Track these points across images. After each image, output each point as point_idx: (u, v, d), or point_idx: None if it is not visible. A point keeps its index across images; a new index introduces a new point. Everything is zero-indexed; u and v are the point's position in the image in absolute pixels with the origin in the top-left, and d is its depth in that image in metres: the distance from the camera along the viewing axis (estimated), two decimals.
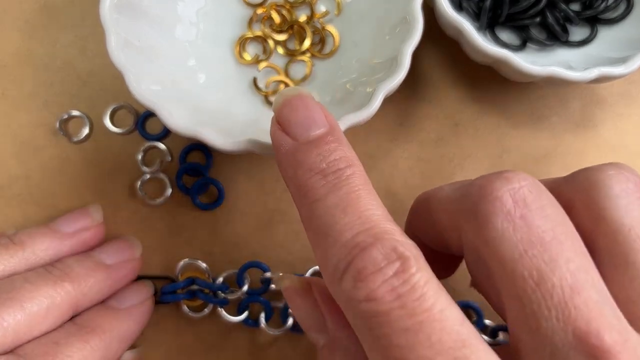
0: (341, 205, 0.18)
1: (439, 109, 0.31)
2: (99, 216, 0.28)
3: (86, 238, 0.27)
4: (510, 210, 0.17)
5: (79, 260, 0.26)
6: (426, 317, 0.16)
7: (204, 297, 0.28)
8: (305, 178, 0.19)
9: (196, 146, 0.30)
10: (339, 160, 0.19)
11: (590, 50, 0.29)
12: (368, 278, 0.16)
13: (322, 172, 0.19)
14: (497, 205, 0.17)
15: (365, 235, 0.17)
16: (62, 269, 0.25)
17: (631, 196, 0.18)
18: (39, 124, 0.30)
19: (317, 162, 0.19)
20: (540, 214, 0.17)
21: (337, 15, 0.31)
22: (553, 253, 0.16)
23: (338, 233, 0.17)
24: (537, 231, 0.16)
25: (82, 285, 0.25)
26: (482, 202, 0.17)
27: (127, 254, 0.27)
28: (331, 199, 0.18)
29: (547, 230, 0.16)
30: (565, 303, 0.15)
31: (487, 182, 0.18)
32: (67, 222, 0.27)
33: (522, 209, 0.17)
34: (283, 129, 0.20)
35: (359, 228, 0.17)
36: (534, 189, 0.17)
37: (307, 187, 0.19)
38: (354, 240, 0.17)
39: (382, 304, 0.16)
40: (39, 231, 0.26)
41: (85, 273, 0.25)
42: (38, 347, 0.23)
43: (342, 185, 0.18)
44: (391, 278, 0.16)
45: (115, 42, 0.25)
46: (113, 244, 0.28)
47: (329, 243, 0.17)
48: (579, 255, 0.16)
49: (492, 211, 0.17)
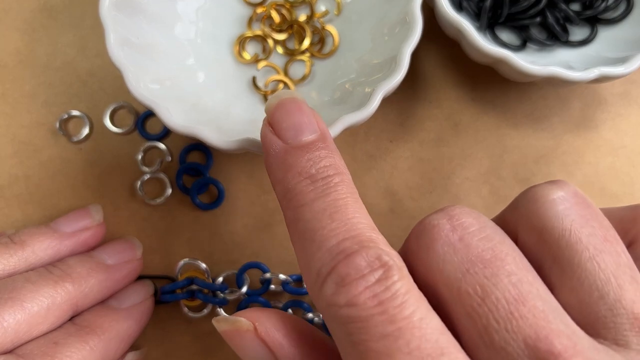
0: (328, 211, 0.18)
1: (439, 109, 0.31)
2: (100, 216, 0.28)
3: (86, 238, 0.27)
4: (448, 235, 0.17)
5: (80, 260, 0.26)
6: (406, 324, 0.16)
7: (203, 297, 0.28)
8: (294, 182, 0.19)
9: (196, 146, 0.30)
10: (328, 167, 0.19)
11: (590, 51, 0.29)
12: (351, 284, 0.16)
13: (311, 177, 0.19)
14: (435, 232, 0.18)
15: (351, 242, 0.17)
16: (63, 268, 0.25)
17: (566, 202, 0.18)
18: (39, 123, 0.30)
19: (306, 167, 0.19)
20: (478, 235, 0.17)
21: (337, 15, 0.31)
22: (494, 269, 0.16)
23: (323, 238, 0.18)
24: (477, 250, 0.17)
25: (83, 285, 0.25)
26: (423, 235, 0.18)
27: (128, 254, 0.27)
28: (318, 204, 0.18)
29: (487, 249, 0.17)
30: (511, 313, 0.16)
31: (427, 217, 0.18)
32: (68, 222, 0.27)
33: (460, 232, 0.17)
34: (274, 131, 0.20)
35: (345, 235, 0.17)
36: (471, 215, 0.18)
37: (295, 190, 0.19)
38: (339, 246, 0.17)
39: (363, 310, 0.16)
40: (39, 231, 0.26)
41: (86, 273, 0.25)
42: (37, 347, 0.23)
43: (330, 192, 0.18)
44: (373, 285, 0.16)
45: (115, 40, 0.25)
46: (114, 244, 0.28)
47: (314, 248, 0.18)
48: (521, 270, 0.17)
49: (432, 238, 0.18)
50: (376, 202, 0.30)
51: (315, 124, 0.20)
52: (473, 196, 0.30)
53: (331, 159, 0.19)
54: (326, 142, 0.20)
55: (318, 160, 0.19)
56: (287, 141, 0.20)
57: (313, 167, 0.19)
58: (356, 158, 0.31)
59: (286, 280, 0.28)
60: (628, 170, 0.31)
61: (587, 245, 0.17)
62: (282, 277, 0.28)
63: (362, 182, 0.30)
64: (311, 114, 0.20)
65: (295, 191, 0.19)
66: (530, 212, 0.18)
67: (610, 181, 0.31)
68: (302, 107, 0.20)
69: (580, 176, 0.31)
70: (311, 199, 0.18)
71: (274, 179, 0.20)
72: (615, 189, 0.31)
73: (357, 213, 0.18)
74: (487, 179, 0.31)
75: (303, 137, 0.20)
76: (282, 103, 0.20)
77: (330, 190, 0.18)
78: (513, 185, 0.30)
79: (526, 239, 0.18)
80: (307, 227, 0.18)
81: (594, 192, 0.31)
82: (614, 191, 0.31)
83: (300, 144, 0.19)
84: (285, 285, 0.28)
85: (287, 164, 0.19)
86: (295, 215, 0.19)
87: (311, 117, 0.20)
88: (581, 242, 0.17)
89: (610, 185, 0.31)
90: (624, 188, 0.31)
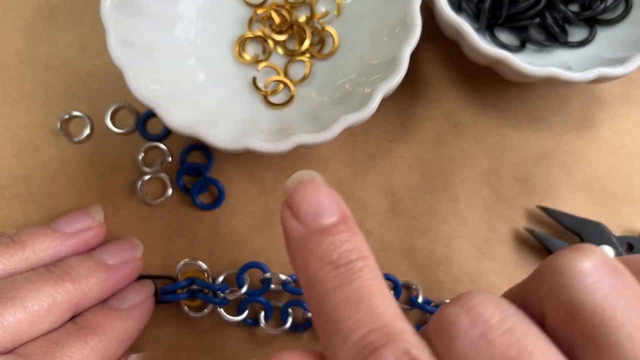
0: (352, 300, 0.17)
1: (439, 109, 0.31)
2: (100, 216, 0.28)
3: (87, 238, 0.27)
4: (468, 332, 0.16)
5: (80, 260, 0.26)
6: None
7: (203, 297, 0.28)
8: (315, 269, 0.18)
9: (196, 146, 0.30)
10: (350, 251, 0.18)
11: (589, 51, 0.29)
12: None
13: (332, 263, 0.18)
14: (453, 330, 0.16)
15: (377, 335, 0.16)
16: (63, 268, 0.25)
17: (596, 273, 0.17)
18: (40, 124, 0.30)
19: (328, 252, 0.18)
20: (500, 328, 0.16)
21: (337, 15, 0.31)
22: None
23: (348, 330, 0.17)
24: (501, 347, 0.16)
25: (84, 285, 0.25)
26: (441, 332, 0.17)
27: (129, 254, 0.27)
28: (342, 293, 0.17)
29: (512, 345, 0.16)
30: None
31: (443, 309, 0.17)
32: (68, 222, 0.27)
33: (481, 326, 0.16)
34: (294, 214, 0.19)
35: (371, 326, 0.17)
36: (491, 302, 0.17)
37: (317, 278, 0.18)
38: (364, 339, 0.16)
39: None
40: (39, 231, 0.26)
41: (86, 273, 0.25)
42: (37, 347, 0.23)
43: (354, 279, 0.18)
44: None
45: (115, 40, 0.25)
46: (115, 245, 0.28)
47: (339, 340, 0.17)
48: None
49: (451, 336, 0.16)
50: (376, 201, 0.30)
51: (336, 205, 0.19)
52: (473, 196, 0.30)
53: (353, 242, 0.19)
54: (348, 223, 0.19)
55: (339, 244, 0.18)
56: (307, 225, 0.19)
57: (335, 252, 0.18)
58: (356, 158, 0.31)
59: (286, 280, 0.28)
60: (628, 170, 0.31)
61: (623, 322, 0.16)
62: (283, 277, 0.28)
63: (362, 182, 0.30)
64: (330, 195, 0.20)
65: (317, 279, 0.18)
66: (557, 287, 0.17)
67: (610, 181, 0.31)
68: (321, 188, 0.20)
69: (580, 176, 0.31)
70: (334, 286, 0.18)
71: (296, 265, 0.19)
72: (615, 189, 0.31)
73: (382, 301, 0.17)
74: (487, 178, 0.31)
75: (323, 220, 0.19)
76: (301, 185, 0.20)
77: (353, 277, 0.18)
78: (513, 185, 0.31)
79: (555, 317, 0.17)
80: (331, 317, 0.17)
81: (594, 192, 0.31)
82: (613, 191, 0.31)
83: (321, 227, 0.19)
84: (286, 285, 0.28)
85: (308, 250, 0.19)
86: (318, 305, 0.18)
87: (331, 197, 0.20)
88: (616, 319, 0.16)
89: (610, 185, 0.31)
90: (624, 188, 0.31)
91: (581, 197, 0.31)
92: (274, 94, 0.30)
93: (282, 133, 0.27)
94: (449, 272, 0.30)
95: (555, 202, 0.30)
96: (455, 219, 0.30)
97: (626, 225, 0.30)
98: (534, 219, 0.30)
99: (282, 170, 0.30)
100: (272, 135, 0.27)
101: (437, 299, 0.29)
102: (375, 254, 0.30)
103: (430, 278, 0.30)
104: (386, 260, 0.30)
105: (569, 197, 0.30)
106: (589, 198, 0.31)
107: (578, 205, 0.30)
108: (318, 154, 0.31)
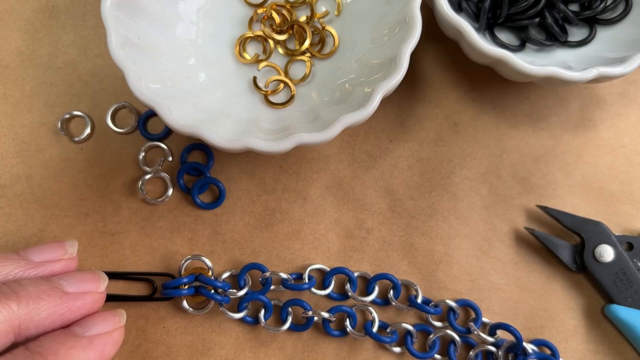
0: None
1: (439, 109, 0.31)
2: (73, 250, 0.27)
3: (54, 270, 0.25)
4: None
5: (34, 281, 0.24)
6: None
7: (206, 293, 0.28)
8: None
9: (197, 146, 0.30)
10: None
11: (588, 51, 0.30)
12: None
13: None
14: None
15: None
16: (12, 286, 0.23)
17: None
18: (41, 123, 0.30)
19: None
20: None
21: (337, 15, 0.31)
22: None
23: None
24: None
25: (30, 306, 0.23)
26: None
27: (91, 285, 0.25)
28: None
29: None
30: None
31: None
32: (39, 251, 0.26)
33: None
34: None
35: None
36: None
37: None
38: None
39: None
40: (4, 255, 0.25)
41: (36, 295, 0.23)
42: None
43: None
44: None
45: (116, 40, 0.25)
46: (78, 273, 0.26)
47: None
48: None
49: None
50: (376, 201, 0.30)
51: None
52: (472, 195, 0.30)
53: None
54: None
55: None
56: None
57: None
58: (356, 158, 0.31)
59: (286, 278, 0.28)
60: (627, 169, 0.31)
61: None
62: (283, 276, 0.28)
63: (362, 182, 0.30)
64: None
65: None
66: None
67: (609, 180, 0.31)
68: None
69: (579, 176, 0.31)
70: None
71: None
72: (614, 188, 0.31)
73: None
74: (486, 178, 0.31)
75: None
76: None
77: None
78: (512, 185, 0.31)
79: None
80: None
81: (593, 192, 0.31)
82: (612, 190, 0.31)
83: None
84: (286, 282, 0.28)
85: None
86: None
87: None
88: None
89: (609, 184, 0.31)
90: (623, 187, 0.31)
91: (580, 196, 0.31)
92: (274, 93, 0.30)
93: (282, 132, 0.27)
94: (449, 271, 0.30)
95: (555, 202, 0.30)
96: (455, 219, 0.30)
97: (625, 224, 0.30)
98: (533, 218, 0.30)
99: (282, 170, 0.30)
100: (272, 134, 0.27)
101: (436, 298, 0.29)
102: (375, 253, 0.30)
103: (430, 277, 0.30)
104: (386, 259, 0.30)
105: (568, 197, 0.31)
106: (589, 197, 0.31)
107: (577, 205, 0.30)
108: (318, 153, 0.31)
